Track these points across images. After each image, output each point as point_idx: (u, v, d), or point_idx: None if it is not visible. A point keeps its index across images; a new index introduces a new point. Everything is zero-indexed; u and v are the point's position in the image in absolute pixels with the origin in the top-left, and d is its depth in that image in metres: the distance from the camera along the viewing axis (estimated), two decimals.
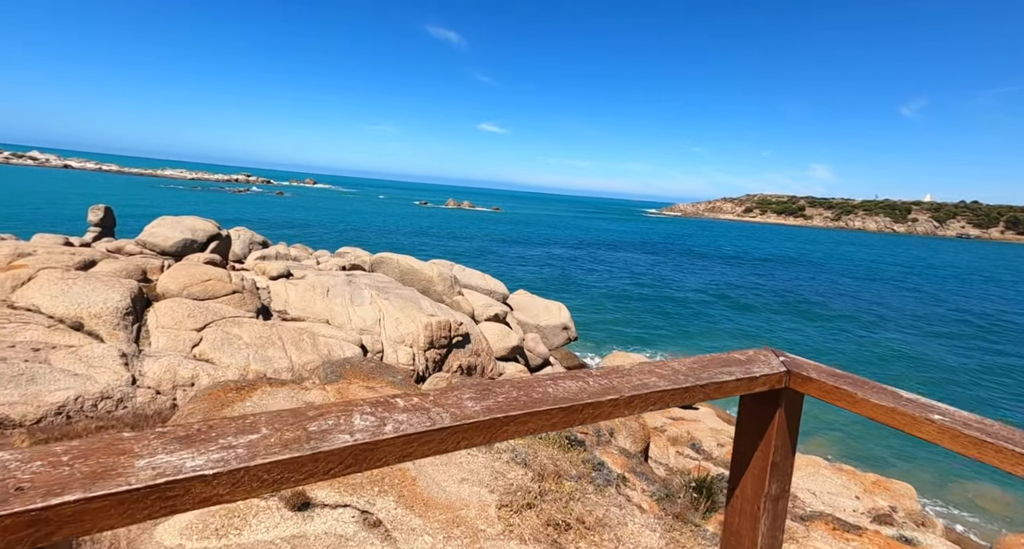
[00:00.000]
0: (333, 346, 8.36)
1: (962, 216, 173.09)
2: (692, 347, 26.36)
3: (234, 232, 17.71)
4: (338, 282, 11.78)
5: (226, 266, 12.33)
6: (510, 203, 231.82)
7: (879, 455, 15.96)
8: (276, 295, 10.41)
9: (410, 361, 10.07)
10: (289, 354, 7.34)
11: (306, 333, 8.30)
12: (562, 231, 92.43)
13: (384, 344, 10.09)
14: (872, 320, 35.63)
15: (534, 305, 19.47)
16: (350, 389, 3.88)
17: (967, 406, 1.18)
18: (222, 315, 7.48)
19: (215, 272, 8.58)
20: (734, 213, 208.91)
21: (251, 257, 15.17)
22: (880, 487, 4.90)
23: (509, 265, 46.16)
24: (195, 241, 13.06)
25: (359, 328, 10.20)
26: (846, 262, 76.12)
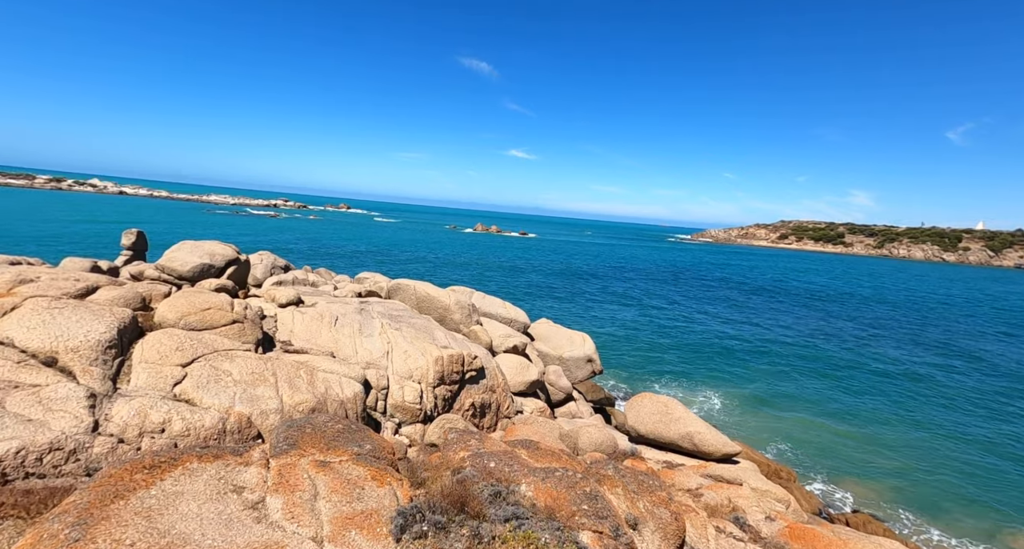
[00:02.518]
0: (332, 383, 7.75)
1: (1019, 245, 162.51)
2: (722, 389, 24.69)
3: (256, 257, 17.69)
4: (348, 311, 11.29)
5: (238, 293, 12.06)
6: (539, 228, 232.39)
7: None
8: (282, 324, 9.97)
9: (417, 399, 9.35)
10: (281, 393, 6.75)
11: (304, 368, 7.73)
12: (590, 257, 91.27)
13: (390, 380, 9.43)
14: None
15: (557, 335, 18.54)
16: (299, 466, 3.19)
17: None
18: (215, 348, 7.00)
19: (216, 300, 8.19)
20: (768, 239, 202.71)
21: (266, 282, 14.98)
22: None
23: (533, 292, 45.38)
24: (212, 266, 12.90)
25: (365, 361, 9.59)
26: (913, 295, 71.94)
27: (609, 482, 4.13)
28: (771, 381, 25.02)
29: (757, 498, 6.35)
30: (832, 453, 17.54)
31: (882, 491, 15.18)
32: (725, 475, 7.52)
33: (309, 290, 14.81)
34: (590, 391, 18.62)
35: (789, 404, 22.06)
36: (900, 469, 16.62)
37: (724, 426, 19.20)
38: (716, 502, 5.99)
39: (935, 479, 16.21)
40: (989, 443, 19.44)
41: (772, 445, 17.92)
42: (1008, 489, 15.89)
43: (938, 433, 20.06)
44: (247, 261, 14.42)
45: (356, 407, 7.90)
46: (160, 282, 11.01)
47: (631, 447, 9.23)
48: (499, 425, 11.00)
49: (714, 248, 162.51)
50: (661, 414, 9.94)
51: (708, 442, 8.96)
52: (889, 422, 20.71)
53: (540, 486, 3.73)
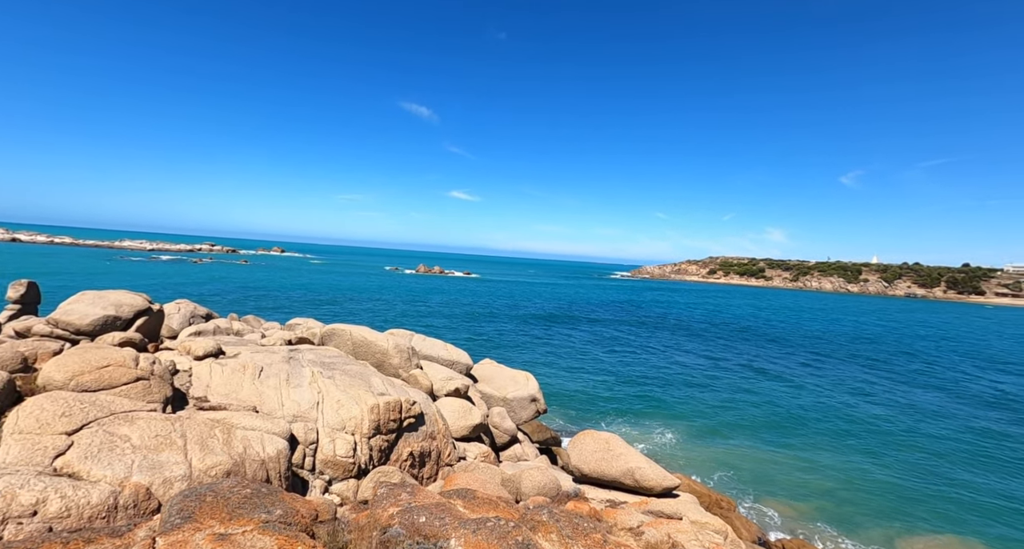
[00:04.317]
0: (252, 442, 7.10)
1: (907, 276, 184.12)
2: (667, 422, 25.27)
3: (172, 306, 16.33)
4: (275, 360, 10.58)
5: (148, 346, 10.99)
6: (482, 268, 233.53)
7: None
8: (198, 379, 9.13)
9: (350, 452, 8.76)
10: (190, 457, 6.08)
11: (220, 426, 7.05)
12: (534, 296, 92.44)
13: (320, 433, 8.81)
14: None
15: (500, 376, 18.31)
16: (191, 543, 2.80)
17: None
18: (111, 410, 6.24)
19: (117, 356, 7.38)
20: (699, 275, 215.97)
21: (183, 333, 13.79)
22: None
23: (476, 333, 44.98)
24: (118, 318, 11.72)
25: (292, 415, 8.94)
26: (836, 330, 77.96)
27: (544, 528, 4.02)
28: (713, 411, 25.91)
29: (696, 531, 6.40)
30: (771, 479, 18.20)
31: (816, 513, 15.84)
32: (666, 510, 7.55)
33: (232, 340, 13.79)
34: (536, 431, 18.35)
35: (731, 433, 22.85)
36: (831, 490, 17.49)
37: (670, 458, 19.49)
38: (656, 539, 5.97)
39: (863, 497, 17.18)
40: (906, 460, 21.02)
41: (715, 474, 18.33)
42: (922, 500, 17.13)
43: (862, 453, 21.47)
44: (160, 311, 13.28)
45: (279, 466, 7.27)
46: (51, 339, 9.82)
47: (574, 488, 9.08)
48: (440, 474, 10.50)
49: (652, 284, 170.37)
50: (603, 451, 9.93)
51: (649, 477, 9.02)
52: (821, 446, 21.92)
53: (470, 539, 3.55)
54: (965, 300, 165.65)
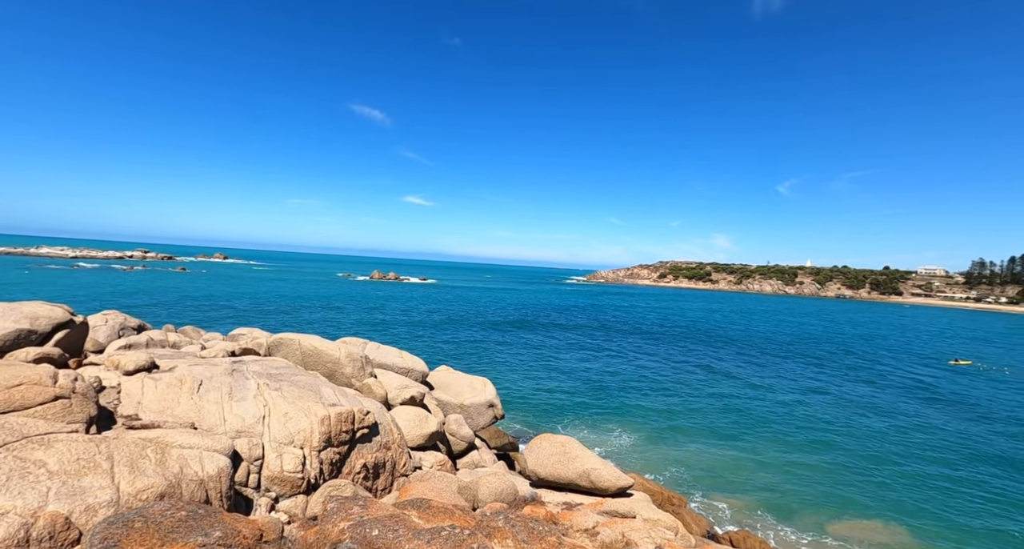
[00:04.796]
0: (190, 460, 6.65)
1: (837, 279, 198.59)
2: (623, 424, 25.86)
3: (99, 317, 15.09)
4: (217, 373, 9.99)
5: (69, 362, 10.09)
6: (439, 273, 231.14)
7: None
8: (128, 395, 8.47)
9: (298, 467, 8.39)
10: (118, 480, 5.60)
11: (153, 446, 6.55)
12: (491, 301, 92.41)
13: (266, 448, 8.39)
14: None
15: (457, 382, 18.13)
16: None
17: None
18: (24, 434, 5.65)
19: (31, 373, 6.71)
20: (650, 279, 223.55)
21: (111, 347, 12.77)
22: None
23: (433, 339, 44.41)
24: (34, 332, 10.69)
25: (235, 430, 8.45)
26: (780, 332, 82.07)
27: (499, 534, 4.00)
28: (667, 412, 26.77)
29: (648, 529, 6.56)
30: (720, 475, 19.00)
31: (759, 505, 16.66)
32: (620, 509, 7.71)
33: (168, 353, 12.91)
34: (493, 437, 18.28)
35: (683, 432, 23.67)
36: (773, 483, 18.46)
37: (625, 458, 19.94)
38: (611, 538, 6.07)
39: (801, 488, 18.24)
40: (841, 452, 22.50)
41: (668, 472, 18.93)
42: (853, 488, 18.38)
43: (803, 446, 22.80)
44: (84, 323, 12.23)
45: (220, 485, 6.84)
46: None
47: (531, 492, 9.10)
48: (395, 485, 10.24)
49: (607, 288, 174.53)
50: (559, 454, 10.02)
51: (604, 478, 9.18)
52: (766, 441, 23.09)
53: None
54: (886, 300, 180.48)
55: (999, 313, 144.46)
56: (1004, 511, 17.00)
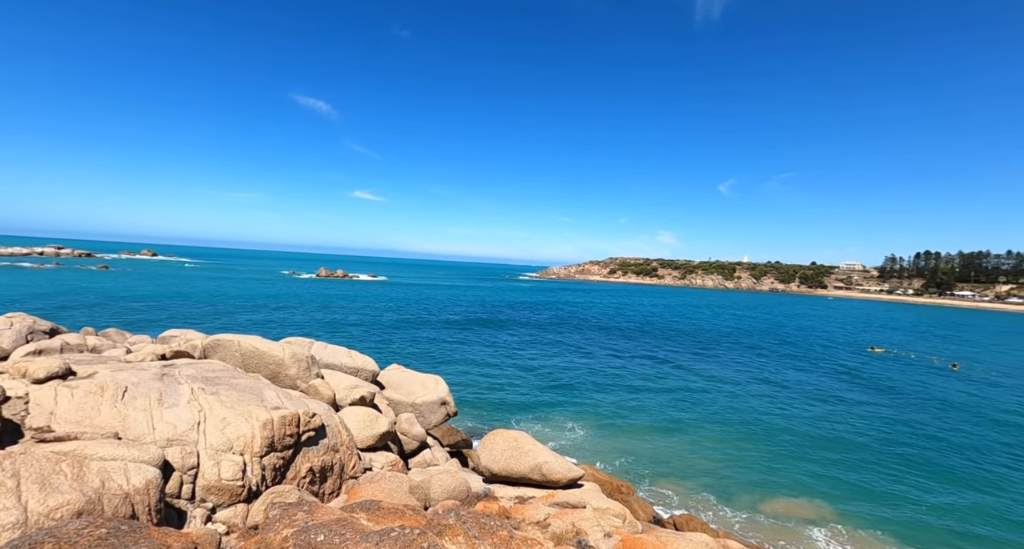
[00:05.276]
0: (113, 473, 6.13)
1: (771, 273, 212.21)
2: (576, 417, 26.40)
3: (2, 321, 13.60)
4: (144, 378, 9.28)
5: None
6: (390, 270, 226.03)
7: (748, 504, 16.84)
8: (38, 406, 7.68)
9: (238, 474, 7.95)
10: (25, 499, 5.07)
11: (68, 460, 5.99)
12: (444, 298, 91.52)
13: (201, 456, 7.88)
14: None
15: (409, 381, 17.84)
16: None
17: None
18: None
19: None
20: (600, 275, 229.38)
21: (17, 353, 11.55)
22: None
23: (384, 338, 43.44)
24: None
25: (166, 439, 7.89)
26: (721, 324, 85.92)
27: (451, 532, 3.97)
28: (618, 403, 27.59)
29: (598, 518, 6.74)
30: (667, 462, 19.84)
31: (701, 488, 17.56)
32: (571, 500, 7.87)
33: (87, 358, 11.85)
34: (446, 435, 18.14)
35: (633, 422, 24.48)
36: (714, 467, 19.50)
37: (578, 450, 20.39)
38: (562, 529, 6.18)
39: (739, 471, 19.37)
40: (776, 435, 24.06)
41: (618, 462, 19.54)
42: (785, 470, 19.75)
43: (742, 431, 24.19)
44: None
45: (149, 499, 6.37)
46: None
47: (484, 488, 9.11)
48: (343, 488, 9.94)
49: (559, 284, 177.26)
50: (512, 450, 10.09)
51: (555, 471, 9.34)
52: (709, 428, 24.30)
53: None
54: (813, 293, 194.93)
55: (907, 304, 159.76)
56: (914, 481, 18.87)
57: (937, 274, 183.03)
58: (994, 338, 72.99)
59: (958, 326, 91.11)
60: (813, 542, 14.38)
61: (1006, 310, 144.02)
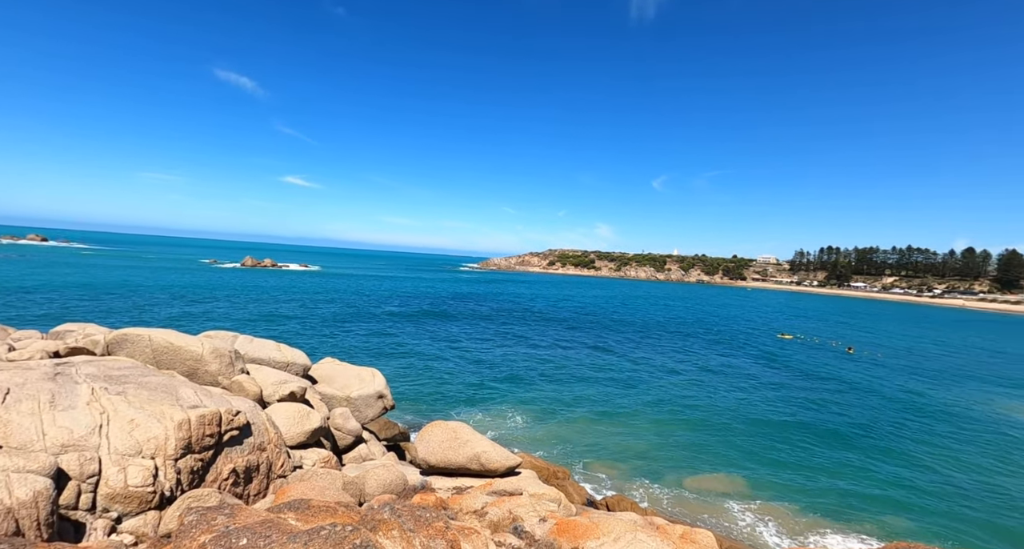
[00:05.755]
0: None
1: (698, 266, 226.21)
2: (515, 406, 26.77)
3: None
4: (31, 378, 8.24)
5: None
6: (324, 260, 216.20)
7: (682, 486, 17.98)
8: None
9: (148, 480, 7.29)
10: None
11: None
12: (381, 290, 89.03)
13: (104, 462, 7.15)
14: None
15: (343, 374, 17.21)
16: None
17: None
18: None
19: None
20: (540, 266, 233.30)
21: None
22: (688, 541, 4.92)
23: (317, 330, 41.59)
24: None
25: (60, 445, 7.06)
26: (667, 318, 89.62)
27: (385, 526, 3.87)
28: (557, 392, 28.27)
29: (534, 503, 6.88)
30: (602, 446, 20.67)
31: (633, 470, 18.51)
32: (508, 488, 7.98)
33: None
34: (383, 429, 17.77)
35: (570, 410, 25.21)
36: (645, 450, 20.59)
37: (517, 439, 20.72)
38: (499, 517, 6.25)
39: (667, 452, 20.60)
40: (701, 416, 25.75)
41: (555, 449, 20.09)
42: (707, 449, 21.25)
43: (670, 414, 25.67)
44: None
45: (37, 512, 5.68)
46: None
47: (421, 480, 9.02)
48: (271, 488, 9.44)
49: (500, 275, 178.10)
50: (450, 441, 10.05)
51: (493, 460, 9.43)
52: (641, 412, 25.55)
53: None
54: (734, 284, 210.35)
55: (813, 294, 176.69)
56: (816, 451, 21.03)
57: (837, 267, 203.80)
58: (880, 324, 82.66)
59: (853, 313, 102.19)
60: (729, 513, 15.64)
61: (889, 300, 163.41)
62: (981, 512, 16.57)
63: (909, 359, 47.37)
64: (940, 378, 38.75)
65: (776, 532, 14.70)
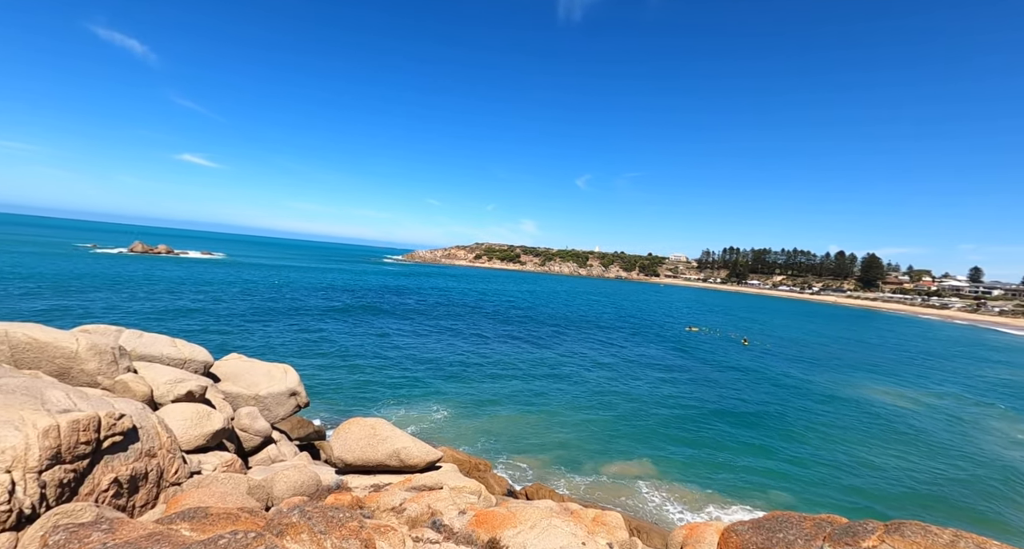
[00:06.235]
0: None
1: (617, 262, 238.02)
2: (440, 401, 26.50)
3: None
4: None
5: None
6: (230, 247, 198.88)
7: (595, 470, 18.85)
8: None
9: (3, 496, 6.28)
10: None
11: None
12: (297, 281, 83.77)
13: None
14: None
15: (251, 371, 15.98)
16: None
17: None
18: None
19: None
20: (467, 259, 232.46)
21: None
22: (599, 523, 5.18)
23: (225, 327, 38.22)
24: None
25: None
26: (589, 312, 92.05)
27: (293, 530, 3.65)
28: (480, 385, 28.33)
29: (454, 497, 6.86)
30: (524, 438, 21.09)
31: (554, 459, 19.12)
32: (428, 483, 7.89)
33: None
34: (296, 428, 16.80)
35: (494, 402, 25.41)
36: (565, 439, 21.35)
37: (440, 433, 20.53)
38: (418, 512, 6.16)
39: (586, 441, 21.51)
40: (617, 406, 27.11)
41: (479, 442, 20.19)
42: (622, 435, 22.51)
43: (589, 405, 26.78)
44: None
45: None
46: None
47: (336, 480, 8.64)
48: (161, 497, 8.55)
49: (425, 269, 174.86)
50: (369, 437, 9.72)
51: (414, 455, 9.27)
52: (561, 404, 26.38)
53: None
54: (649, 280, 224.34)
55: (716, 290, 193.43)
56: (717, 431, 23.10)
57: (737, 266, 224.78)
58: (771, 317, 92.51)
59: (749, 308, 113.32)
60: (641, 494, 16.74)
61: (778, 296, 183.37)
62: (850, 479, 19.22)
63: (793, 348, 53.54)
64: (817, 364, 44.26)
65: (681, 509, 15.99)
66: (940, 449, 23.31)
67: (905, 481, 19.36)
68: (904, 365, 47.91)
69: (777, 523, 4.38)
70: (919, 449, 23.12)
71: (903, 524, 3.92)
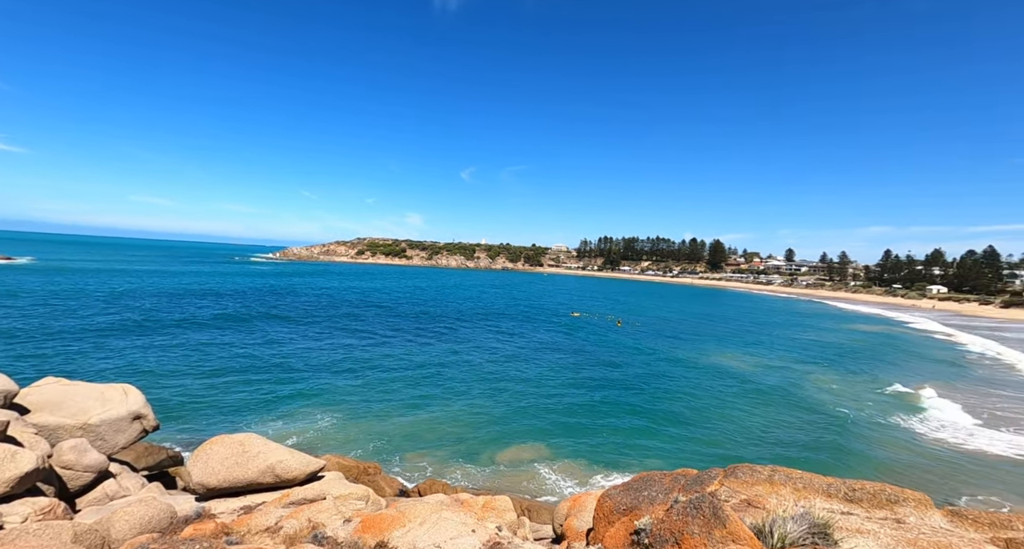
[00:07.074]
0: None
1: (503, 254, 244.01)
2: (324, 408, 24.77)
3: None
4: None
5: None
6: (38, 249, 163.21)
7: (488, 459, 19.12)
8: None
9: None
10: None
11: None
12: (139, 288, 71.66)
13: None
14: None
15: (77, 397, 13.24)
16: None
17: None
18: None
19: None
20: (348, 255, 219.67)
21: None
22: (488, 509, 5.22)
23: (40, 349, 31.20)
24: None
25: None
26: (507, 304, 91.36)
27: None
28: (366, 388, 26.93)
29: (338, 506, 6.41)
30: (418, 436, 20.59)
31: (449, 454, 19.01)
32: (309, 495, 7.27)
33: None
34: (143, 456, 14.40)
35: (383, 405, 24.35)
36: (460, 433, 21.32)
37: (325, 441, 19.13)
38: (296, 528, 5.64)
39: (480, 432, 21.71)
40: (508, 396, 27.71)
41: (369, 446, 19.23)
42: (514, 424, 23.16)
43: (482, 397, 27.02)
44: None
45: None
46: None
47: (196, 508, 7.53)
48: None
49: (302, 267, 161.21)
50: (237, 456, 8.64)
51: (291, 468, 8.46)
52: (454, 399, 26.22)
53: None
54: (534, 270, 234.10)
55: (594, 277, 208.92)
56: (601, 410, 24.94)
57: (611, 254, 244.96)
58: (639, 300, 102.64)
59: (623, 292, 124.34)
60: (538, 475, 17.44)
61: (645, 280, 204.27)
62: (708, 435, 22.14)
63: (659, 325, 60.03)
64: (678, 339, 50.21)
65: (572, 483, 17.01)
66: (775, 402, 28.03)
67: (752, 431, 22.94)
68: (743, 334, 56.57)
69: (643, 483, 4.85)
70: (759, 403, 27.54)
71: (736, 468, 4.61)
